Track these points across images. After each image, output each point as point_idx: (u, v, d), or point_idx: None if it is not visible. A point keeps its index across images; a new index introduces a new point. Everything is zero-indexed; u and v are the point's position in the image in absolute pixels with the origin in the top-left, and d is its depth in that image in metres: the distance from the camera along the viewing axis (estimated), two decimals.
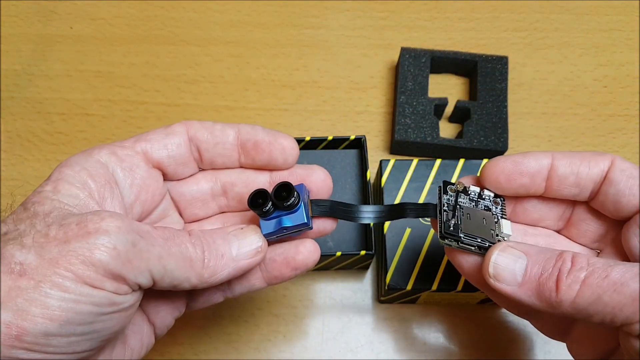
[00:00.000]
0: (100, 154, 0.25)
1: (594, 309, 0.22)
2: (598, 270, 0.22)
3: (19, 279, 0.20)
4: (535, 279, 0.24)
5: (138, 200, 0.27)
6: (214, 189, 0.29)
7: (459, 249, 0.27)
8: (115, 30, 0.52)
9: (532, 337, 0.40)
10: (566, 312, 0.23)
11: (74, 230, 0.21)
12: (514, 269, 0.24)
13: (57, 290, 0.20)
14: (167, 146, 0.27)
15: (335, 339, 0.40)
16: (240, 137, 0.28)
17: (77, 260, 0.20)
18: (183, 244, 0.24)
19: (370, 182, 0.40)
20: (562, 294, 0.23)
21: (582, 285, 0.22)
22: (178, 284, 0.23)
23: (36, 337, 0.20)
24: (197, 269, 0.24)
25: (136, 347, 0.27)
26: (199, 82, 0.50)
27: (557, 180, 0.27)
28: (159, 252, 0.22)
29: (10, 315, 0.19)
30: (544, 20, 0.52)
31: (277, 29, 0.52)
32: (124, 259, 0.21)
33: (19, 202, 0.24)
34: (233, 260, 0.25)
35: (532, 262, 0.24)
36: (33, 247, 0.20)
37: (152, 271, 0.22)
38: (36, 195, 0.23)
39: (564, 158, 0.27)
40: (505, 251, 0.25)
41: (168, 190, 0.29)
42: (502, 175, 0.27)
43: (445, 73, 0.50)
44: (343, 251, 0.37)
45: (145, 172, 0.27)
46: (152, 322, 0.28)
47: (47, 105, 0.49)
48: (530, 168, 0.27)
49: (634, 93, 0.49)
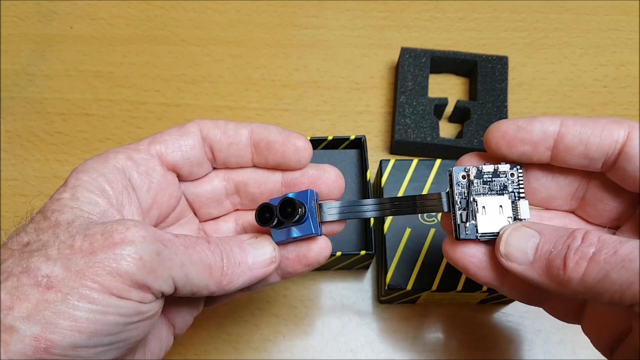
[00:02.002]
0: (116, 159, 0.25)
1: (602, 286, 0.21)
2: (607, 246, 0.21)
3: (46, 292, 0.20)
4: (545, 257, 0.23)
5: (155, 204, 0.27)
6: (227, 188, 0.29)
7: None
8: (115, 30, 0.52)
9: (532, 337, 0.40)
10: (575, 291, 0.22)
11: (100, 241, 0.21)
12: (526, 247, 0.23)
13: (85, 302, 0.20)
14: (182, 148, 0.27)
15: (335, 339, 0.40)
16: (253, 137, 0.28)
17: (103, 272, 0.20)
18: (203, 251, 0.24)
19: (370, 182, 0.40)
20: (569, 272, 0.22)
21: (590, 261, 0.21)
22: (197, 291, 0.24)
23: (64, 349, 0.20)
24: (216, 276, 0.24)
25: (155, 349, 0.27)
26: (199, 82, 0.50)
27: (564, 150, 0.25)
28: (181, 260, 0.23)
29: (39, 328, 0.19)
30: (544, 20, 0.52)
31: (277, 29, 0.52)
32: (149, 268, 0.21)
33: (34, 209, 0.24)
34: (249, 269, 0.25)
35: (544, 240, 0.23)
36: (59, 259, 0.20)
37: (174, 279, 0.22)
38: (54, 203, 0.23)
39: (574, 125, 0.24)
40: (518, 230, 0.24)
41: (183, 191, 0.29)
42: (502, 141, 0.25)
43: (445, 73, 0.50)
44: (343, 251, 0.37)
45: (161, 175, 0.27)
46: (172, 323, 0.28)
47: (47, 105, 0.49)
48: (534, 135, 0.25)
49: (634, 93, 0.49)
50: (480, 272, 0.27)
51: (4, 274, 0.20)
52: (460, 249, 0.27)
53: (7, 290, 0.20)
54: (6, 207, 0.45)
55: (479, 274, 0.27)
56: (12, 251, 0.21)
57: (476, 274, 0.27)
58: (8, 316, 0.19)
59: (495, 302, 0.40)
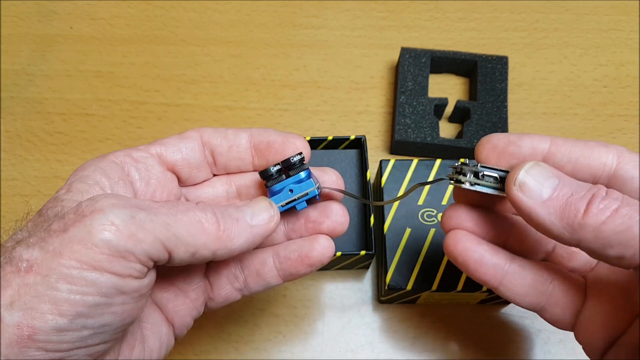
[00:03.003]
0: (115, 155, 0.26)
1: (619, 239, 0.21)
2: (634, 204, 0.22)
3: (26, 276, 0.20)
4: (563, 199, 0.23)
5: (154, 199, 0.27)
6: (229, 192, 0.30)
7: (472, 192, 0.26)
8: (115, 30, 0.52)
9: (532, 337, 0.40)
10: (583, 239, 0.22)
11: (72, 219, 0.21)
12: (543, 184, 0.23)
13: (64, 283, 0.20)
14: (182, 150, 0.28)
15: (335, 339, 0.40)
16: (253, 140, 0.28)
17: (79, 246, 0.20)
18: (190, 210, 0.23)
19: (370, 182, 0.40)
20: (589, 217, 0.22)
21: (615, 212, 0.22)
22: (195, 251, 0.23)
23: (48, 334, 0.19)
24: (212, 231, 0.23)
25: (155, 347, 0.27)
26: (199, 82, 0.50)
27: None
28: (164, 220, 0.22)
29: (20, 315, 0.19)
30: (544, 20, 0.52)
31: (277, 29, 0.52)
32: (126, 233, 0.21)
33: (34, 211, 0.24)
34: (249, 225, 0.25)
35: (564, 184, 0.23)
36: (37, 243, 0.20)
37: (162, 240, 0.22)
38: (52, 201, 0.23)
39: (564, 145, 0.25)
40: (539, 166, 0.24)
41: (184, 195, 0.29)
42: (492, 153, 0.26)
43: (445, 73, 0.50)
44: (343, 251, 0.37)
45: (160, 172, 0.27)
46: (171, 322, 0.28)
47: (47, 105, 0.49)
48: (524, 150, 0.25)
49: (634, 93, 0.49)
50: (481, 268, 0.27)
51: None
52: (462, 244, 0.27)
53: None
54: (6, 207, 0.45)
55: (479, 270, 0.27)
56: (6, 248, 0.21)
57: (476, 270, 0.27)
58: None
59: (495, 302, 0.40)
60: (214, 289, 0.29)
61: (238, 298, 0.29)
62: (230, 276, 0.29)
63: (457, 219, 0.28)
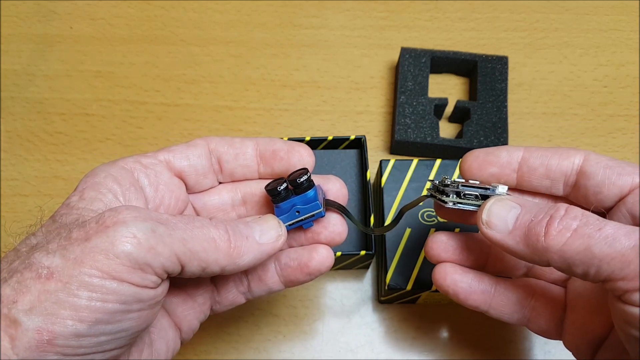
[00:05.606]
0: (124, 162, 0.26)
1: (580, 258, 0.22)
2: (592, 222, 0.23)
3: (46, 282, 0.20)
4: (525, 225, 0.24)
5: (162, 205, 0.27)
6: (234, 199, 0.30)
7: (454, 209, 0.28)
8: (115, 30, 0.52)
9: (532, 337, 0.40)
10: (550, 260, 0.23)
11: (94, 228, 0.21)
12: (507, 217, 0.25)
13: (85, 290, 0.20)
14: (189, 157, 0.28)
15: (335, 339, 0.40)
16: (259, 148, 0.29)
17: (100, 256, 0.20)
18: (205, 226, 0.24)
19: (370, 182, 0.40)
20: (550, 239, 0.23)
21: (574, 233, 0.23)
22: (207, 266, 0.24)
23: (67, 339, 0.20)
24: (224, 248, 0.24)
25: (162, 350, 0.27)
26: (199, 82, 0.50)
27: (527, 172, 0.28)
28: (181, 235, 0.23)
29: (41, 320, 0.20)
30: (544, 20, 0.52)
31: (277, 29, 0.52)
32: (146, 246, 0.21)
33: (47, 216, 0.24)
34: (257, 243, 0.26)
35: (525, 211, 0.25)
36: (57, 250, 0.21)
37: (178, 255, 0.22)
38: (64, 207, 0.24)
39: (537, 151, 0.28)
40: (501, 201, 0.26)
41: (191, 202, 0.30)
42: (474, 163, 0.29)
43: (445, 73, 0.50)
44: (343, 251, 0.37)
45: (168, 178, 0.28)
46: (178, 326, 0.28)
47: (47, 105, 0.49)
48: (501, 158, 0.28)
49: (634, 93, 0.49)
50: (471, 296, 0.29)
51: (10, 273, 0.20)
52: (451, 276, 0.29)
53: (11, 286, 0.20)
54: (6, 207, 0.45)
55: (470, 298, 0.29)
56: (20, 252, 0.22)
57: (467, 299, 0.29)
58: (12, 310, 0.19)
59: None
60: (221, 292, 0.30)
61: (243, 301, 0.30)
62: (236, 280, 0.30)
63: (438, 250, 0.30)
